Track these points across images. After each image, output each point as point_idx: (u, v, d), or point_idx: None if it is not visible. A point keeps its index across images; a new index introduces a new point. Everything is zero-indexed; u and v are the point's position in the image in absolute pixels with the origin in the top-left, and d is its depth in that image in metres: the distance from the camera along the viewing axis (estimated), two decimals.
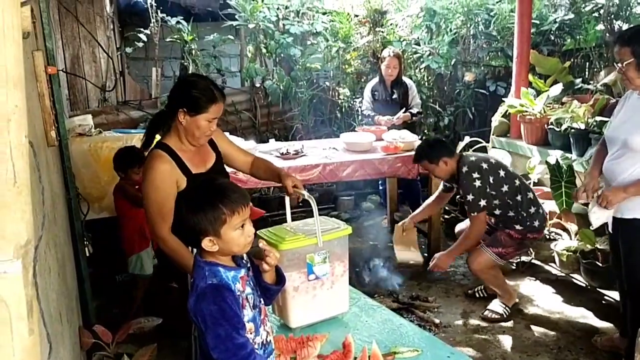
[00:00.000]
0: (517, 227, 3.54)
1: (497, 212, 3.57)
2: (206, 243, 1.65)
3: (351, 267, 4.49)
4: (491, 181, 3.51)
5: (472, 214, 3.52)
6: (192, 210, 1.64)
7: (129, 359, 2.26)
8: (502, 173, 3.56)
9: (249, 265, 1.79)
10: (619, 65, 2.62)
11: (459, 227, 4.09)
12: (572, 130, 4.43)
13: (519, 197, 3.55)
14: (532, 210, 3.56)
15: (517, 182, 3.61)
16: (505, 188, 3.54)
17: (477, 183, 3.48)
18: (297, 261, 2.19)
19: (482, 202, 3.47)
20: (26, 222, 0.77)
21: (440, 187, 4.03)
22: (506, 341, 3.39)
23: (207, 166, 2.52)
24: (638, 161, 2.65)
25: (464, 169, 3.53)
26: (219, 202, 1.64)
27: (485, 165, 3.54)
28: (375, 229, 5.42)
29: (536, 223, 3.56)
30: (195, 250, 1.79)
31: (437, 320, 3.61)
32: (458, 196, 3.92)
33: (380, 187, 5.81)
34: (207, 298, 1.62)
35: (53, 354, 1.36)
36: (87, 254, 3.03)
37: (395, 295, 3.98)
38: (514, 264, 4.29)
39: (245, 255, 1.76)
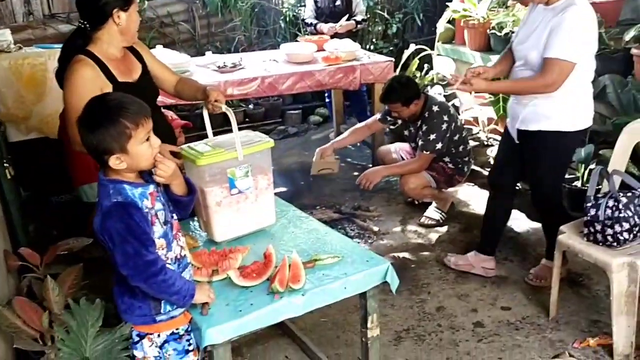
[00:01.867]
0: (450, 165, 3.70)
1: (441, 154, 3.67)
2: (113, 161, 1.59)
3: (297, 181, 4.57)
4: (453, 127, 3.59)
5: (424, 152, 3.58)
6: (93, 130, 1.57)
7: (53, 280, 2.23)
8: (458, 122, 3.68)
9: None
10: None
11: (382, 149, 4.12)
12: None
13: (460, 148, 3.69)
14: (466, 159, 3.75)
15: (464, 133, 3.74)
16: (456, 137, 3.64)
17: (444, 126, 3.55)
18: (218, 176, 2.16)
19: (439, 145, 3.54)
20: None
21: (377, 116, 3.98)
22: (441, 245, 3.51)
23: (133, 77, 2.41)
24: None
25: (435, 107, 3.57)
26: (120, 116, 1.57)
27: (451, 110, 3.64)
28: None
29: (465, 169, 3.75)
30: None
31: (375, 228, 3.70)
32: (407, 130, 3.86)
33: (327, 100, 5.73)
34: (112, 216, 1.59)
35: None
36: (9, 177, 2.90)
37: (337, 206, 4.03)
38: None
39: (154, 170, 1.70)
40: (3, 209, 2.87)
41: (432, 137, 3.54)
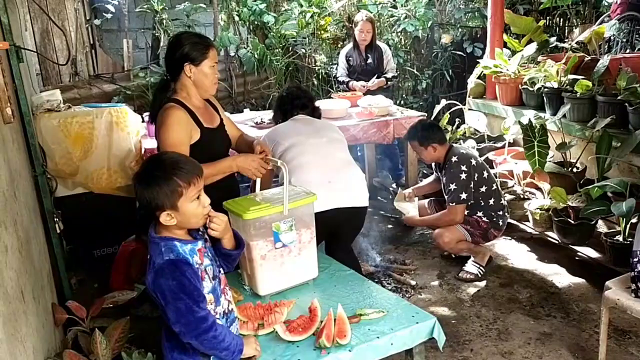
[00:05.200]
0: (484, 219, 3.69)
1: (471, 206, 3.68)
2: (164, 218, 1.65)
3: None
4: (475, 178, 3.62)
5: (451, 204, 3.61)
6: (147, 186, 1.64)
7: (101, 333, 2.27)
8: (485, 174, 3.69)
9: (205, 236, 1.79)
10: None
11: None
12: (546, 89, 4.42)
13: (491, 201, 3.69)
14: (500, 213, 3.73)
15: (495, 186, 3.75)
16: (483, 189, 3.66)
17: (463, 176, 3.58)
18: (263, 230, 2.20)
19: (463, 195, 3.57)
20: None
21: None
22: (480, 300, 3.45)
23: (213, 125, 2.57)
24: None
25: (454, 158, 3.62)
26: (173, 174, 1.64)
27: (473, 162, 3.65)
28: None
29: (500, 222, 3.72)
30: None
31: (413, 282, 3.66)
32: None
33: (359, 154, 5.80)
34: (165, 274, 1.63)
35: None
36: (58, 231, 3.00)
37: (373, 259, 4.01)
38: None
39: (201, 228, 1.76)
40: (50, 262, 2.95)
41: (452, 187, 3.56)
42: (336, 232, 2.94)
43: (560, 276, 3.64)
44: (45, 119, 3.70)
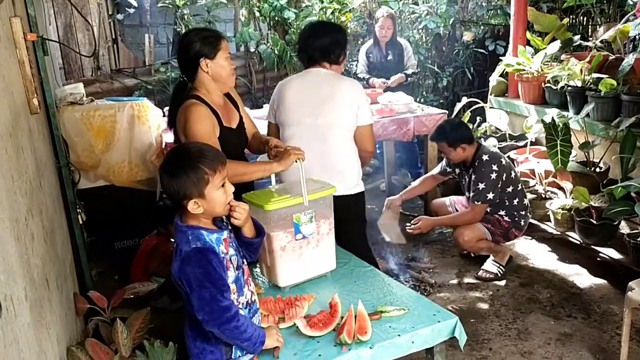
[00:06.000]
0: (506, 218, 3.64)
1: (494, 205, 3.64)
2: (191, 206, 1.66)
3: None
4: (504, 178, 3.58)
5: (476, 202, 3.57)
6: (174, 175, 1.65)
7: (122, 323, 2.29)
8: (512, 174, 3.65)
9: (229, 227, 1.80)
10: None
11: (437, 202, 4.11)
12: (569, 88, 4.38)
13: (515, 201, 3.65)
14: (523, 213, 3.68)
15: (520, 186, 3.70)
16: (509, 189, 3.62)
17: (493, 175, 3.53)
18: (283, 222, 2.20)
19: (490, 195, 3.53)
20: None
21: (437, 169, 4.00)
22: (500, 299, 3.42)
23: (232, 124, 2.54)
24: None
25: (485, 157, 3.56)
26: (200, 162, 1.66)
27: (503, 161, 3.61)
28: (373, 193, 5.42)
29: (522, 222, 3.68)
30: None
31: (432, 280, 3.64)
32: (462, 180, 3.87)
33: (378, 151, 5.78)
34: (192, 262, 1.64)
35: (20, 312, 1.38)
36: (80, 222, 3.03)
37: (391, 256, 4.00)
38: None
39: (224, 218, 1.76)
40: (72, 253, 2.99)
41: (481, 186, 3.52)
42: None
43: (581, 277, 3.60)
44: (69, 112, 3.74)
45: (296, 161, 2.31)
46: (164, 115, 4.16)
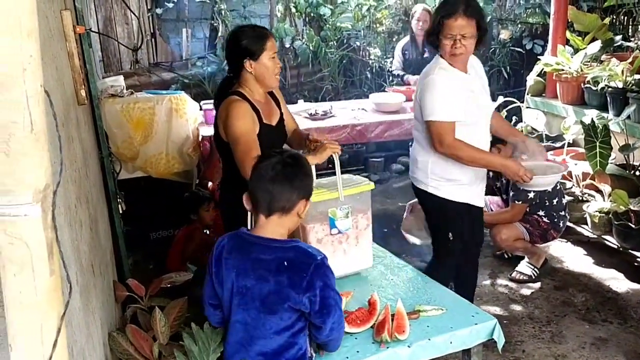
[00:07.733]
0: (545, 219, 3.60)
1: (533, 205, 3.61)
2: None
3: (380, 228, 4.57)
4: None
5: (517, 202, 3.54)
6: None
7: (160, 311, 2.34)
8: None
9: None
10: None
11: None
12: (609, 89, 4.28)
13: (555, 201, 3.61)
14: (562, 213, 3.64)
15: (559, 186, 3.63)
16: (549, 188, 3.50)
17: None
18: (319, 215, 2.23)
19: (531, 194, 3.50)
20: (44, 168, 0.80)
21: None
22: (534, 302, 3.38)
23: (272, 122, 2.57)
24: None
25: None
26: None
27: None
28: (404, 191, 5.40)
29: (560, 224, 3.64)
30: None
31: None
32: (498, 182, 3.83)
33: (411, 149, 5.75)
34: (329, 269, 1.70)
35: (74, 295, 1.43)
36: (120, 211, 3.10)
37: (422, 255, 3.98)
38: None
39: None
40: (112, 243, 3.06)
41: (522, 186, 3.47)
42: None
43: (618, 281, 3.53)
44: (109, 104, 3.82)
45: (332, 155, 2.33)
46: (200, 109, 4.22)
